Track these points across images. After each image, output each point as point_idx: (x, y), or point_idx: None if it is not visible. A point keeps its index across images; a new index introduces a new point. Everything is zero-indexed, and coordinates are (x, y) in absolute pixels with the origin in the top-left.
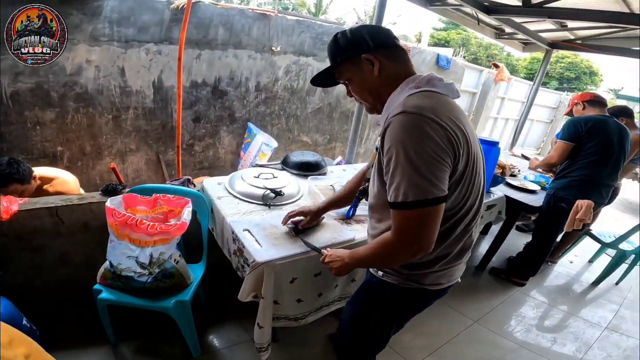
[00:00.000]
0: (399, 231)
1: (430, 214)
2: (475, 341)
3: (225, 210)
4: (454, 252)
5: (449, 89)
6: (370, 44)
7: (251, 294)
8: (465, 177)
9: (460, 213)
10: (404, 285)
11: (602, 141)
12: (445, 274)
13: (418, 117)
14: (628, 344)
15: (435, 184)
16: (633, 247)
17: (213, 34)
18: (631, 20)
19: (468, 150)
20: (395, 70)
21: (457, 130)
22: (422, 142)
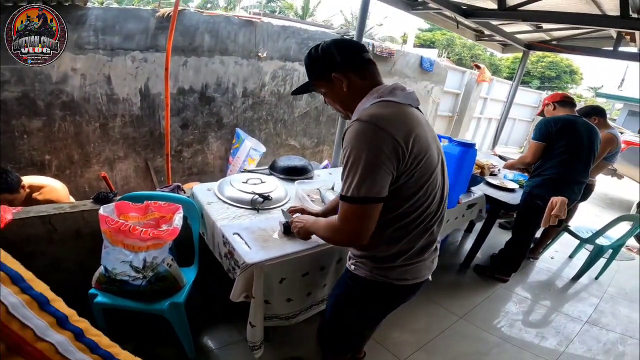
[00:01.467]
0: (341, 219)
1: (366, 211)
2: (462, 336)
3: (215, 215)
4: (414, 248)
5: (410, 98)
6: (339, 61)
7: (242, 294)
8: (418, 182)
9: (416, 213)
10: (371, 278)
11: (572, 140)
12: (409, 269)
13: (369, 126)
14: (608, 338)
15: (373, 187)
16: (610, 242)
17: (199, 41)
18: (602, 22)
19: (419, 157)
20: (362, 84)
21: (405, 139)
22: (369, 148)
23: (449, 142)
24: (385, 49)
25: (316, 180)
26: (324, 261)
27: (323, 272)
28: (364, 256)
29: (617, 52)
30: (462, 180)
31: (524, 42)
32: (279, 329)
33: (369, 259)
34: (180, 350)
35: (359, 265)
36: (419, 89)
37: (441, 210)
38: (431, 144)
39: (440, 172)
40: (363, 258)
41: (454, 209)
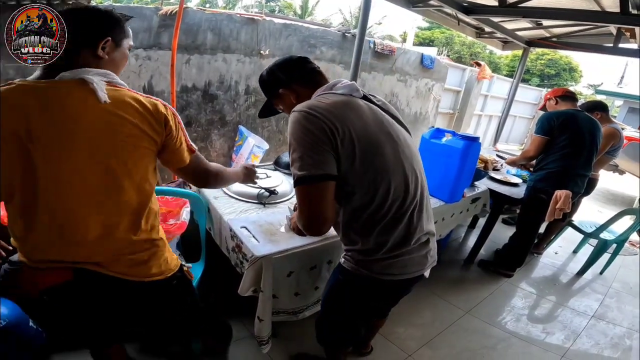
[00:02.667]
0: (298, 206)
1: (317, 190)
2: (467, 331)
3: (222, 210)
4: (391, 240)
5: (351, 89)
6: (283, 78)
7: (251, 288)
8: (366, 167)
9: (376, 202)
10: (355, 271)
11: (574, 134)
12: (393, 263)
13: (299, 114)
14: (615, 332)
15: (313, 164)
16: (614, 237)
17: (202, 39)
18: (602, 18)
19: (359, 141)
20: (308, 92)
21: (337, 122)
22: (300, 131)
23: (453, 136)
24: (386, 47)
25: None
26: (331, 254)
27: (330, 265)
28: (350, 250)
29: (617, 49)
30: (466, 174)
31: (524, 39)
32: (285, 325)
33: (355, 252)
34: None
35: (347, 258)
36: (420, 86)
37: (413, 198)
38: (372, 128)
39: (400, 160)
40: (350, 252)
41: (458, 203)
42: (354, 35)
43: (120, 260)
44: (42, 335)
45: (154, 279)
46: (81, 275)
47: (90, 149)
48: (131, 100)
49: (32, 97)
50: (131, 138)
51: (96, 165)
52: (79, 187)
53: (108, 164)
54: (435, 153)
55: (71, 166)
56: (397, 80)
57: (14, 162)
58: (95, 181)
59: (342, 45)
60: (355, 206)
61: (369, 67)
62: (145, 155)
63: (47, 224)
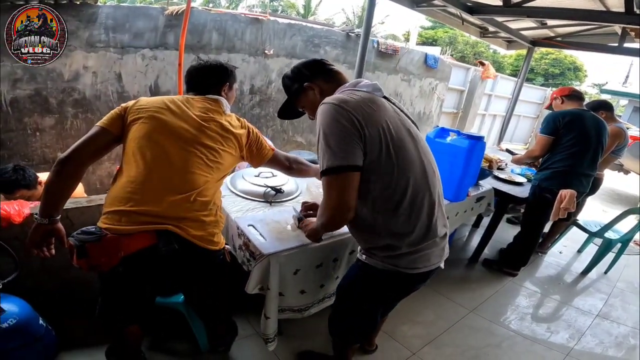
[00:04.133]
0: (324, 196)
1: (345, 180)
2: (472, 329)
3: (228, 208)
4: (416, 230)
5: (374, 88)
6: (308, 74)
7: (257, 286)
8: (390, 160)
9: (404, 191)
10: (382, 267)
11: (580, 133)
12: (419, 257)
13: (329, 106)
14: (619, 331)
15: (344, 156)
16: (619, 236)
17: (207, 39)
18: (607, 18)
19: (384, 136)
20: (330, 87)
21: (364, 117)
22: (331, 123)
23: (458, 135)
24: (389, 46)
25: None
26: (337, 252)
27: (336, 263)
28: (371, 247)
29: (622, 48)
30: (471, 173)
31: (528, 39)
32: (290, 323)
33: (377, 249)
34: (193, 344)
35: (370, 255)
36: (423, 85)
37: (433, 192)
38: (396, 125)
39: (419, 154)
40: (372, 249)
41: (463, 202)
42: (358, 35)
43: (203, 225)
44: (51, 333)
45: (213, 247)
46: (164, 238)
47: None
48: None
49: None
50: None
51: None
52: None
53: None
54: (440, 152)
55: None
56: (401, 80)
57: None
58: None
59: (346, 44)
60: (377, 197)
61: (373, 66)
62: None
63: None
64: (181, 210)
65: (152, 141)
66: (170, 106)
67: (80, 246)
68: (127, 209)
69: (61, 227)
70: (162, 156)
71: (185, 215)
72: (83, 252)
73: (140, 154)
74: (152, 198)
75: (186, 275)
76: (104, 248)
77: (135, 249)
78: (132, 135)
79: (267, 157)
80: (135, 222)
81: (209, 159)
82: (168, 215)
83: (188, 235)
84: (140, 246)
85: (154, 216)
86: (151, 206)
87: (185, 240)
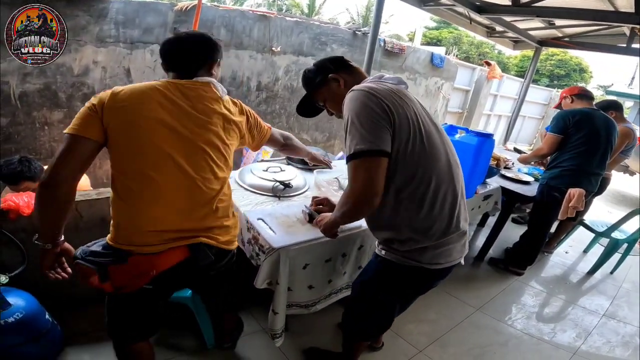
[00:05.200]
0: (350, 181)
1: (372, 164)
2: (478, 328)
3: (237, 202)
4: (439, 223)
5: (398, 81)
6: (332, 67)
7: (266, 280)
8: (417, 150)
9: (429, 182)
10: (403, 262)
11: (589, 132)
12: (442, 252)
13: (359, 92)
14: (626, 331)
15: (373, 140)
16: (625, 236)
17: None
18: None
19: (412, 125)
20: (354, 79)
21: (394, 105)
22: (362, 108)
23: (467, 133)
24: (396, 45)
25: (334, 170)
26: (345, 247)
27: (344, 258)
28: (391, 240)
29: (631, 49)
30: (479, 171)
31: (536, 39)
32: (296, 319)
33: (398, 243)
34: (199, 339)
35: (390, 250)
36: (429, 85)
37: (456, 186)
38: (423, 116)
39: (444, 147)
40: (392, 242)
41: (471, 199)
42: (364, 34)
43: (228, 229)
44: (57, 327)
45: (234, 247)
46: (199, 251)
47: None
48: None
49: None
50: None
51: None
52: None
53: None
54: None
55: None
56: (407, 79)
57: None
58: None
59: (353, 43)
60: (401, 188)
61: (379, 65)
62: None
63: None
64: (208, 221)
65: (160, 153)
66: (162, 101)
67: (101, 270)
68: (154, 230)
69: (68, 246)
70: (175, 170)
71: (213, 225)
72: (105, 276)
73: (151, 171)
74: (178, 217)
75: (212, 278)
76: (132, 269)
77: (169, 266)
78: (129, 145)
79: (266, 138)
80: (166, 241)
81: (220, 159)
82: (198, 227)
83: (219, 243)
84: (174, 262)
85: (185, 231)
86: (178, 224)
87: (218, 249)
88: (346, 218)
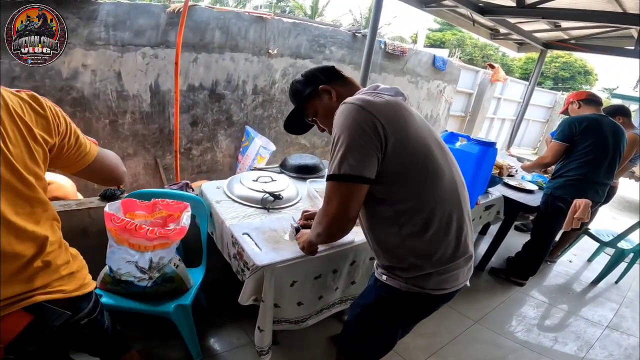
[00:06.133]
0: (324, 202)
1: (349, 190)
2: (476, 341)
3: (224, 214)
4: (443, 248)
5: (395, 92)
6: (323, 78)
7: (251, 297)
8: (417, 167)
9: (427, 207)
10: (407, 290)
11: (597, 140)
12: (448, 277)
13: (351, 105)
14: (629, 343)
15: (355, 165)
16: (632, 246)
17: (210, 37)
18: (624, 20)
19: (408, 141)
20: (347, 91)
21: (387, 120)
22: (351, 126)
23: (468, 141)
24: (397, 47)
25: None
26: (337, 264)
27: (336, 275)
28: (393, 267)
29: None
30: (480, 181)
31: (541, 41)
32: (287, 333)
33: (400, 270)
34: (186, 352)
35: (392, 276)
36: (431, 88)
37: (462, 206)
38: (423, 133)
39: (448, 165)
40: (394, 269)
41: (472, 210)
42: (365, 35)
43: (73, 276)
44: None
45: (88, 290)
46: (41, 311)
47: None
48: None
49: None
50: None
51: None
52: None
53: None
54: None
55: None
56: (408, 82)
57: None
58: None
59: (352, 45)
60: (401, 210)
61: (380, 67)
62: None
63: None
64: (40, 280)
65: None
66: None
67: None
68: None
69: None
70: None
71: (49, 281)
72: None
73: None
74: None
75: (89, 326)
76: None
77: (14, 334)
78: None
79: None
80: None
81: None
82: (27, 290)
83: (67, 294)
84: (18, 329)
85: (8, 299)
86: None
87: (70, 299)
88: (320, 240)
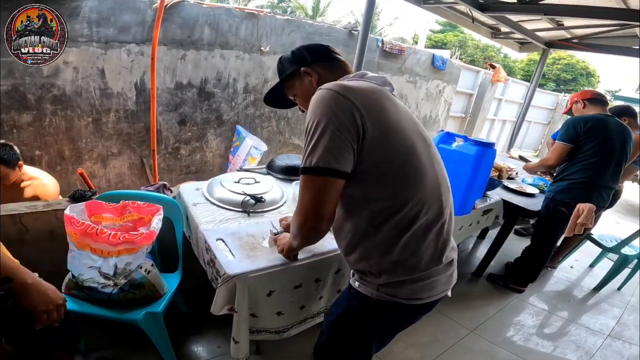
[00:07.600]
0: (298, 197)
1: (323, 183)
2: (471, 352)
3: (199, 218)
4: (420, 253)
5: (384, 81)
6: (309, 58)
7: (225, 307)
8: (393, 162)
9: (410, 204)
10: (378, 297)
11: (603, 142)
12: (423, 286)
13: (327, 92)
14: (631, 352)
15: (329, 157)
16: (636, 252)
17: (198, 34)
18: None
19: (388, 131)
20: (333, 78)
21: (366, 107)
22: (327, 116)
23: (465, 142)
24: (395, 46)
25: None
26: (319, 272)
27: (319, 284)
28: (365, 271)
29: None
30: (478, 184)
31: (543, 40)
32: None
33: (372, 276)
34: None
35: (364, 282)
36: (430, 88)
37: (445, 208)
38: (407, 126)
39: (431, 163)
40: (366, 274)
41: (468, 215)
42: None
43: None
44: None
45: None
46: None
47: None
48: None
49: None
50: None
51: None
52: None
53: None
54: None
55: None
56: (406, 82)
57: None
58: None
59: (348, 43)
60: (376, 210)
61: (377, 66)
62: None
63: None
64: None
65: None
66: None
67: None
68: None
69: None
70: None
71: None
72: None
73: None
74: None
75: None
76: None
77: None
78: None
79: None
80: None
81: None
82: None
83: None
84: None
85: None
86: None
87: None
88: (297, 242)
